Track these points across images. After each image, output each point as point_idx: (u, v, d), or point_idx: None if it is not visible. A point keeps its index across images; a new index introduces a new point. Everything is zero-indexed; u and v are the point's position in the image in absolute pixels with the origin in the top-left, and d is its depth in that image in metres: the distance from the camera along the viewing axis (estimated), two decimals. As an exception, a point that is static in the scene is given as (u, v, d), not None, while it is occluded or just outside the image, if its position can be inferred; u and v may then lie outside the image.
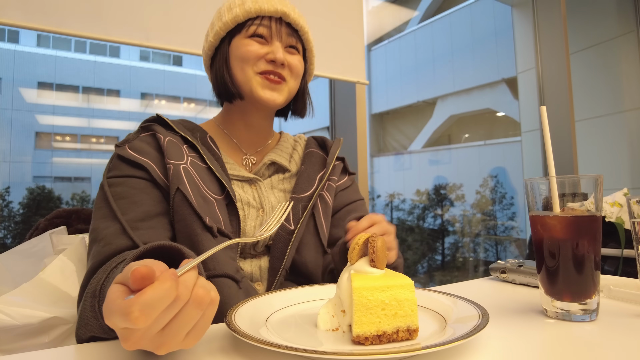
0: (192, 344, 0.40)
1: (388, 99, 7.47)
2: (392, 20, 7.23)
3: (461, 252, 5.94)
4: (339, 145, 0.97)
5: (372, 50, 7.39)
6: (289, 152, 0.95)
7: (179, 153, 0.76)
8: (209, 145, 0.83)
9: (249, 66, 0.82)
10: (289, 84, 0.85)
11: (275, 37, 0.83)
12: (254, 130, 0.91)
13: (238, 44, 0.82)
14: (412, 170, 7.00)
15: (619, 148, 3.64)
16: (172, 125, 0.82)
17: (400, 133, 7.55)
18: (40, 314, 0.75)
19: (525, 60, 4.25)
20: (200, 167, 0.77)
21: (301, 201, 0.85)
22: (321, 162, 0.94)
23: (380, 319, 0.45)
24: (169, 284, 0.35)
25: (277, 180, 0.89)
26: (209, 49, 0.87)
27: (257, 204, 0.83)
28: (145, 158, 0.73)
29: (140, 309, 0.34)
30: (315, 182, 0.89)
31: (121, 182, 0.72)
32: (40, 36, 4.24)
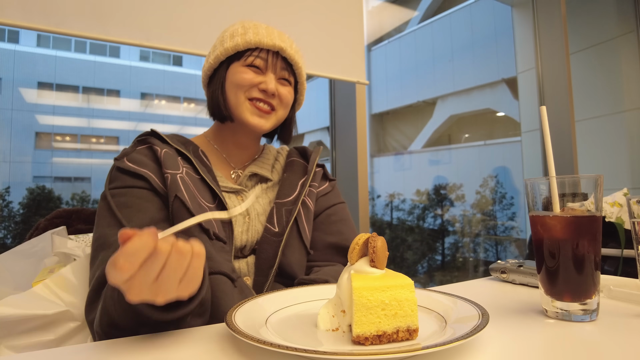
0: (186, 292, 0.48)
1: (388, 99, 7.47)
2: (392, 20, 7.23)
3: (461, 252, 5.94)
4: (318, 153, 1.04)
5: (372, 50, 7.38)
6: (270, 163, 1.02)
7: (175, 163, 0.81)
8: (201, 159, 0.89)
9: (242, 92, 0.89)
10: (277, 113, 0.93)
11: (270, 69, 0.90)
12: (242, 147, 0.98)
13: (235, 70, 0.89)
14: (412, 170, 7.00)
15: (619, 148, 3.64)
16: (167, 139, 0.87)
17: (400, 133, 7.55)
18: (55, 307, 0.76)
19: (525, 60, 4.25)
20: (194, 177, 0.82)
21: (284, 205, 0.91)
22: (302, 170, 1.01)
23: (380, 319, 0.45)
24: (146, 236, 0.42)
25: (260, 190, 0.97)
26: (208, 69, 0.94)
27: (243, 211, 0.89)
28: (144, 169, 0.78)
29: (123, 257, 0.41)
30: (297, 187, 0.95)
31: (124, 192, 0.76)
32: (40, 36, 4.24)
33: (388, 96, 7.47)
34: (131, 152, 0.82)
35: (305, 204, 0.93)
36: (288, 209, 0.91)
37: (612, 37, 3.64)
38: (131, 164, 0.79)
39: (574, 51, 3.63)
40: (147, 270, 0.43)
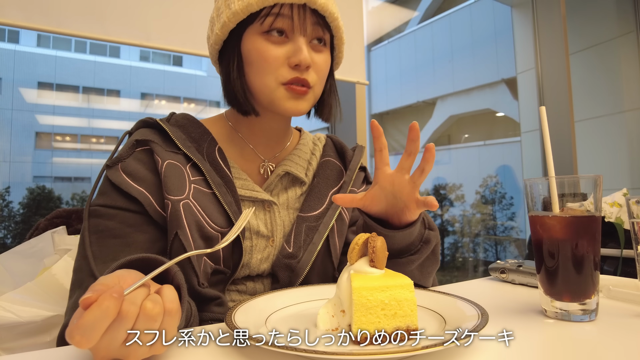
0: (161, 351, 0.42)
1: (388, 99, 7.47)
2: (392, 21, 7.24)
3: (461, 252, 5.94)
4: (361, 156, 0.86)
5: (372, 50, 7.39)
6: (306, 158, 0.84)
7: (180, 183, 0.66)
8: (217, 164, 0.71)
9: (270, 75, 0.68)
10: (314, 90, 0.72)
11: (298, 30, 0.68)
12: (272, 134, 0.80)
13: (252, 43, 0.68)
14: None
15: (619, 148, 3.64)
16: (174, 139, 0.70)
17: (400, 133, 7.55)
18: (43, 313, 0.75)
19: (525, 60, 4.25)
20: (206, 193, 0.68)
21: (306, 221, 0.75)
22: (336, 175, 0.83)
23: (380, 319, 0.45)
24: (106, 303, 0.36)
25: (293, 197, 0.79)
26: (215, 42, 0.73)
27: (267, 231, 0.74)
28: (140, 186, 0.65)
29: (80, 333, 0.35)
30: (327, 199, 0.79)
31: (113, 214, 0.63)
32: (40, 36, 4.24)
33: (388, 96, 7.48)
34: (127, 155, 0.67)
35: (340, 217, 0.79)
36: (310, 226, 0.75)
37: (611, 37, 3.65)
38: (126, 176, 0.65)
39: (574, 51, 3.63)
40: (112, 336, 0.37)
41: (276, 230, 0.75)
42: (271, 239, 0.74)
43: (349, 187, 0.81)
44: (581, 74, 3.62)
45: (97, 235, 0.62)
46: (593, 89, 3.72)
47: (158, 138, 0.70)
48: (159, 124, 0.72)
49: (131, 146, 0.69)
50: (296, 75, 0.68)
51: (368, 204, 0.66)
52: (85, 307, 0.36)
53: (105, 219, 0.63)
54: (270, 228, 0.75)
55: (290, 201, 0.79)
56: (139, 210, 0.64)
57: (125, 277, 0.44)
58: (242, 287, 0.73)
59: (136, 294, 0.40)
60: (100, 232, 0.63)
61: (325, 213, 0.77)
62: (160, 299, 0.41)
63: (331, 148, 0.88)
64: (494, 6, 5.92)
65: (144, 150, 0.69)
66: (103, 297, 0.37)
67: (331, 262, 0.77)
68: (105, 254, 0.61)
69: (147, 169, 0.67)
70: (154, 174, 0.67)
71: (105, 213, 0.64)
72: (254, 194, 0.73)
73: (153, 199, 0.65)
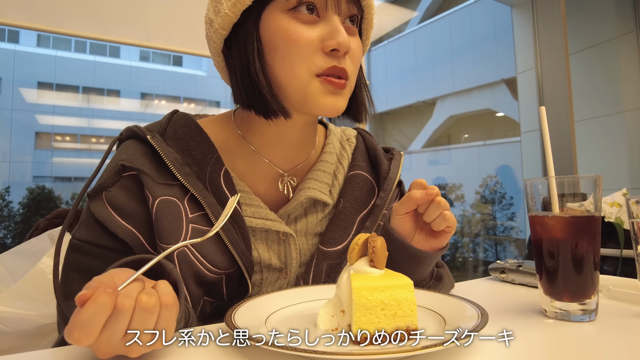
0: (161, 345, 0.41)
1: (388, 99, 7.48)
2: (392, 21, 7.24)
3: (461, 252, 5.94)
4: (397, 169, 0.72)
5: (372, 50, 7.39)
6: (331, 171, 0.70)
7: (174, 225, 0.56)
8: (221, 194, 0.60)
9: (302, 63, 0.55)
10: (350, 82, 0.60)
11: (333, 6, 0.56)
12: (293, 143, 0.66)
13: (276, 25, 0.55)
14: (411, 170, 7.00)
15: (619, 148, 3.64)
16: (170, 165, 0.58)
17: (400, 133, 7.56)
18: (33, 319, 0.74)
19: (525, 60, 4.25)
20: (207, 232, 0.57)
21: (328, 258, 0.65)
22: (366, 195, 0.69)
23: (380, 319, 0.45)
24: (101, 298, 0.36)
25: (314, 222, 0.68)
26: (222, 26, 0.58)
27: (281, 264, 0.65)
28: (129, 223, 0.56)
29: (78, 329, 0.35)
30: (353, 228, 0.67)
31: (97, 254, 0.56)
32: (40, 36, 4.25)
33: (388, 96, 7.48)
34: (112, 183, 0.57)
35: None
36: (332, 265, 0.65)
37: (611, 37, 3.65)
38: (112, 210, 0.56)
39: (574, 51, 3.63)
40: (111, 331, 0.37)
41: (291, 262, 0.65)
42: (284, 271, 0.65)
43: (383, 211, 0.69)
44: (581, 74, 3.62)
45: (80, 274, 0.56)
46: (593, 89, 3.72)
47: (148, 164, 0.58)
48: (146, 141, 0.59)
49: (117, 171, 0.58)
50: (333, 64, 0.56)
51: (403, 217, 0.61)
52: (82, 304, 0.36)
53: (89, 258, 0.56)
54: (284, 260, 0.66)
55: (310, 226, 0.68)
56: (127, 250, 0.56)
57: (119, 274, 0.44)
58: None
59: (130, 287, 0.39)
60: (84, 272, 0.56)
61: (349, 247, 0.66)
62: (155, 292, 0.40)
63: (362, 155, 0.74)
64: (494, 6, 5.92)
65: (132, 176, 0.58)
66: (97, 292, 0.36)
67: None
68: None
69: (136, 200, 0.57)
70: (143, 207, 0.57)
71: (88, 251, 0.56)
72: (267, 224, 0.62)
73: (144, 239, 0.56)
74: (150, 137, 0.59)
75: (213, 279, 0.59)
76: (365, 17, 0.64)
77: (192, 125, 0.64)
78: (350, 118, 0.67)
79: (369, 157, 0.75)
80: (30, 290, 0.77)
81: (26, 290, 0.76)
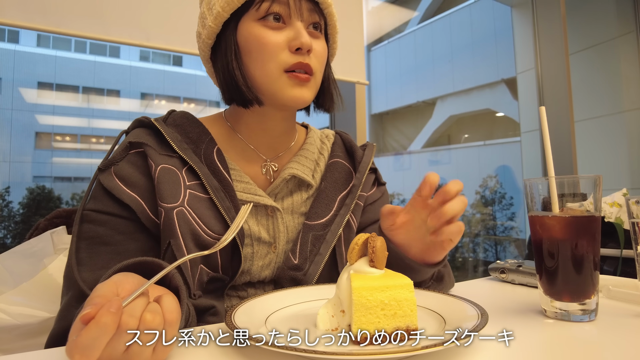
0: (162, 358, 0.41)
1: (388, 99, 7.48)
2: (392, 21, 7.24)
3: (461, 252, 5.94)
4: (371, 156, 0.82)
5: (372, 50, 7.39)
6: (313, 158, 0.79)
7: (174, 189, 0.63)
8: (215, 166, 0.68)
9: (271, 62, 0.65)
10: (315, 77, 0.69)
11: (296, 15, 0.66)
12: (274, 133, 0.76)
13: (248, 32, 0.66)
14: (411, 170, 7.01)
15: (619, 148, 3.64)
16: (170, 140, 0.67)
17: (400, 133, 7.56)
18: (40, 314, 0.75)
19: (525, 60, 4.26)
20: (202, 199, 0.65)
21: (313, 229, 0.71)
22: (345, 178, 0.79)
23: (380, 319, 0.45)
24: (104, 319, 0.36)
25: (299, 201, 0.75)
26: (207, 37, 0.70)
27: (270, 237, 0.71)
28: (133, 192, 0.62)
29: (79, 352, 0.35)
30: (334, 205, 0.75)
31: (104, 220, 0.61)
32: (40, 36, 4.25)
33: (388, 96, 7.48)
34: (120, 158, 0.65)
35: (348, 224, 0.75)
36: (317, 235, 0.71)
37: (611, 37, 3.65)
38: (119, 181, 0.62)
39: (574, 51, 3.63)
40: (112, 348, 0.37)
41: (279, 236, 0.72)
42: (273, 245, 0.71)
43: (359, 191, 0.77)
44: (581, 74, 3.62)
45: (87, 241, 0.61)
46: (593, 89, 3.72)
47: (152, 140, 0.67)
48: (154, 124, 0.68)
49: (124, 149, 0.66)
50: (299, 60, 0.65)
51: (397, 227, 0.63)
52: (85, 323, 0.36)
53: (96, 225, 0.61)
54: (272, 234, 0.72)
55: (296, 205, 0.75)
56: (131, 217, 0.62)
57: (123, 282, 0.43)
58: (243, 294, 0.71)
59: (135, 305, 0.39)
60: (90, 239, 0.61)
61: (332, 220, 0.73)
62: (159, 309, 0.41)
63: (340, 147, 0.84)
64: (494, 6, 5.92)
65: (138, 153, 0.66)
66: (101, 313, 0.36)
67: (337, 273, 0.73)
68: (95, 262, 0.59)
69: (140, 173, 0.64)
70: (147, 179, 0.64)
71: (96, 219, 0.62)
72: (255, 198, 0.70)
73: (146, 206, 0.62)
74: (153, 119, 0.69)
75: (208, 242, 0.62)
76: (328, 23, 0.74)
77: (189, 117, 0.74)
78: (321, 109, 0.78)
79: (346, 150, 0.85)
80: (37, 293, 0.77)
81: (32, 291, 0.77)
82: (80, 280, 0.56)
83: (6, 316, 0.73)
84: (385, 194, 0.88)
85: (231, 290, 0.71)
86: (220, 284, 0.67)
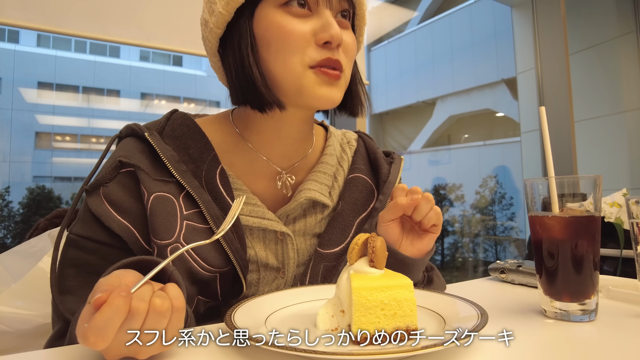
0: (169, 347, 0.42)
1: (388, 99, 7.48)
2: (392, 21, 7.24)
3: (460, 252, 5.94)
4: (398, 172, 0.72)
5: (372, 50, 7.39)
6: (332, 172, 0.69)
7: (169, 221, 0.56)
8: (217, 192, 0.60)
9: (295, 56, 0.56)
10: (345, 74, 0.60)
11: (324, 2, 0.57)
12: (290, 140, 0.66)
13: (269, 20, 0.56)
14: (411, 170, 7.00)
15: (619, 148, 3.64)
16: (166, 162, 0.58)
17: (399, 133, 7.56)
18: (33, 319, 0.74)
19: (525, 60, 4.26)
20: (201, 230, 0.58)
21: (325, 260, 0.64)
22: (365, 198, 0.69)
23: (380, 319, 0.45)
24: (116, 302, 0.36)
25: (312, 222, 0.67)
26: (217, 25, 0.59)
27: (278, 263, 0.65)
28: (124, 219, 0.56)
29: (94, 334, 0.35)
30: (352, 231, 0.67)
31: (93, 249, 0.56)
32: (40, 36, 4.25)
33: (388, 96, 7.48)
34: (109, 179, 0.58)
35: None
36: (329, 267, 0.64)
37: (611, 37, 3.65)
38: (109, 206, 0.56)
39: (574, 51, 3.63)
40: (123, 333, 0.37)
41: (288, 262, 0.65)
42: (282, 271, 0.65)
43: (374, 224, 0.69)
44: (581, 74, 3.62)
45: (76, 269, 0.56)
46: (593, 89, 3.72)
47: (145, 161, 0.59)
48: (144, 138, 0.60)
49: (115, 167, 0.58)
50: (327, 56, 0.56)
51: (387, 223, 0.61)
52: (97, 308, 0.36)
53: (86, 253, 0.57)
54: (281, 259, 0.65)
55: (309, 227, 0.67)
56: (123, 246, 0.57)
57: (125, 276, 0.44)
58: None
59: (143, 290, 0.40)
60: (80, 267, 0.56)
61: (347, 249, 0.65)
62: (167, 295, 0.41)
63: (362, 158, 0.74)
64: (494, 6, 5.92)
65: (129, 173, 0.58)
66: (113, 296, 0.36)
67: None
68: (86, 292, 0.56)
69: (132, 197, 0.58)
70: (139, 204, 0.57)
71: (85, 246, 0.57)
72: (263, 223, 0.62)
73: (139, 235, 0.57)
74: (147, 134, 0.60)
75: (207, 277, 0.58)
76: (357, 13, 0.65)
77: (190, 125, 0.64)
78: (347, 112, 0.68)
79: (369, 161, 0.75)
80: (31, 290, 0.77)
81: (26, 290, 0.76)
82: (65, 312, 0.53)
83: (5, 316, 0.73)
84: None
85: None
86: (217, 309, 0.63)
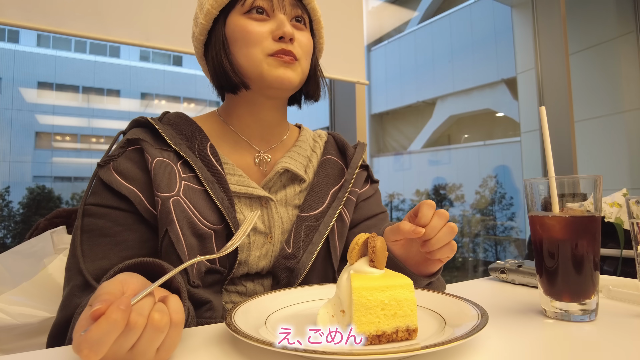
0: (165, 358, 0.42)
1: (388, 99, 7.47)
2: (392, 21, 7.23)
3: (461, 252, 5.94)
4: (362, 153, 0.86)
5: (372, 50, 7.38)
6: (306, 155, 0.83)
7: (169, 180, 0.65)
8: (208, 160, 0.71)
9: (255, 47, 0.70)
10: (301, 63, 0.74)
11: (278, 9, 0.72)
12: (265, 124, 0.79)
13: (235, 24, 0.72)
14: (411, 170, 7.00)
15: (619, 148, 3.64)
16: (165, 136, 0.70)
17: (400, 133, 7.55)
18: (40, 314, 0.75)
19: (525, 60, 4.26)
20: (197, 190, 0.67)
21: (306, 221, 0.74)
22: (337, 174, 0.82)
23: (380, 319, 0.45)
24: (114, 316, 0.36)
25: (292, 194, 0.78)
26: (200, 33, 0.76)
27: (265, 228, 0.74)
28: (131, 185, 0.65)
29: (88, 346, 0.35)
30: (327, 198, 0.78)
31: (104, 213, 0.64)
32: (40, 36, 4.24)
33: (388, 96, 7.48)
34: (118, 155, 0.68)
35: (341, 217, 0.78)
36: (310, 226, 0.74)
37: (611, 37, 3.65)
38: (117, 175, 0.65)
39: (574, 51, 3.63)
40: (119, 345, 0.38)
41: (274, 227, 0.74)
42: (269, 236, 0.73)
43: (350, 186, 0.80)
44: (581, 74, 3.62)
45: (87, 234, 0.63)
46: (593, 89, 3.72)
47: (149, 137, 0.70)
48: (150, 123, 0.72)
49: (122, 145, 0.69)
50: (282, 47, 0.70)
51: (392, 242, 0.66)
52: (95, 319, 0.36)
53: (96, 218, 0.64)
54: (267, 225, 0.74)
55: (289, 198, 0.78)
56: (129, 209, 0.64)
57: (129, 282, 0.44)
58: (242, 289, 0.72)
59: (143, 304, 0.40)
60: (90, 231, 0.63)
61: (325, 212, 0.76)
62: (166, 309, 0.41)
63: (332, 146, 0.88)
64: (494, 6, 5.92)
65: (135, 150, 0.69)
66: (111, 309, 0.36)
67: (331, 265, 0.76)
68: (94, 253, 0.61)
69: (138, 167, 0.67)
70: (144, 173, 0.67)
71: (96, 212, 0.64)
72: (249, 190, 0.72)
73: (144, 197, 0.65)
74: (149, 118, 0.73)
75: (204, 232, 0.65)
76: (313, 18, 0.79)
77: (182, 116, 0.78)
78: (310, 99, 0.83)
79: (338, 148, 0.89)
80: (37, 291, 0.77)
81: (32, 290, 0.77)
82: (85, 270, 0.59)
83: (6, 316, 0.73)
84: (378, 191, 0.91)
85: (230, 285, 0.72)
86: (218, 277, 0.68)
